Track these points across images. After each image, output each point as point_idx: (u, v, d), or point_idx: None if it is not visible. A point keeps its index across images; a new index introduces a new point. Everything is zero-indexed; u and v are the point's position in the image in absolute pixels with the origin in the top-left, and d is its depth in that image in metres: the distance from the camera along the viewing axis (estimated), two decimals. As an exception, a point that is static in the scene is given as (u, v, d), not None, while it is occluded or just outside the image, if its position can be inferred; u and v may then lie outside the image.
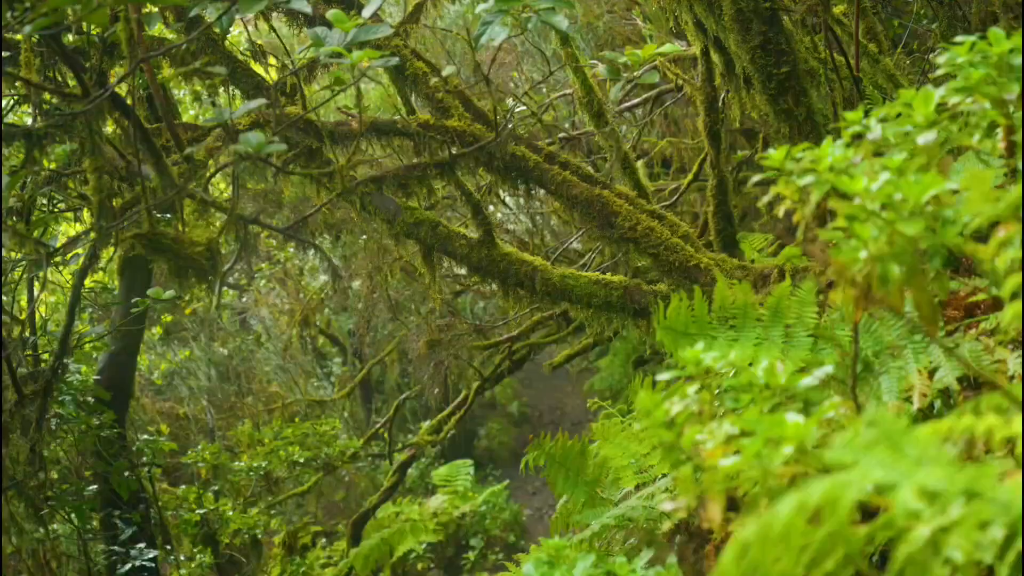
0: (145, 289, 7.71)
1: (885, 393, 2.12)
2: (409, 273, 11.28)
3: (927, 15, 6.42)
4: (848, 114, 1.84)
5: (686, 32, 5.57)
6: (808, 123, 4.41)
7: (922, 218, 1.51)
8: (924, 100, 1.74)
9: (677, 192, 8.68)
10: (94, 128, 4.22)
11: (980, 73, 1.79)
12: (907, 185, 1.53)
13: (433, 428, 10.00)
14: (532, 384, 18.15)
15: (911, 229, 1.51)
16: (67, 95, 4.15)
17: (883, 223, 1.51)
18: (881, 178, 1.56)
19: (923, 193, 1.52)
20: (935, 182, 1.52)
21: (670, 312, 2.59)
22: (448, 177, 4.90)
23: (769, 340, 2.49)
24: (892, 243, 1.52)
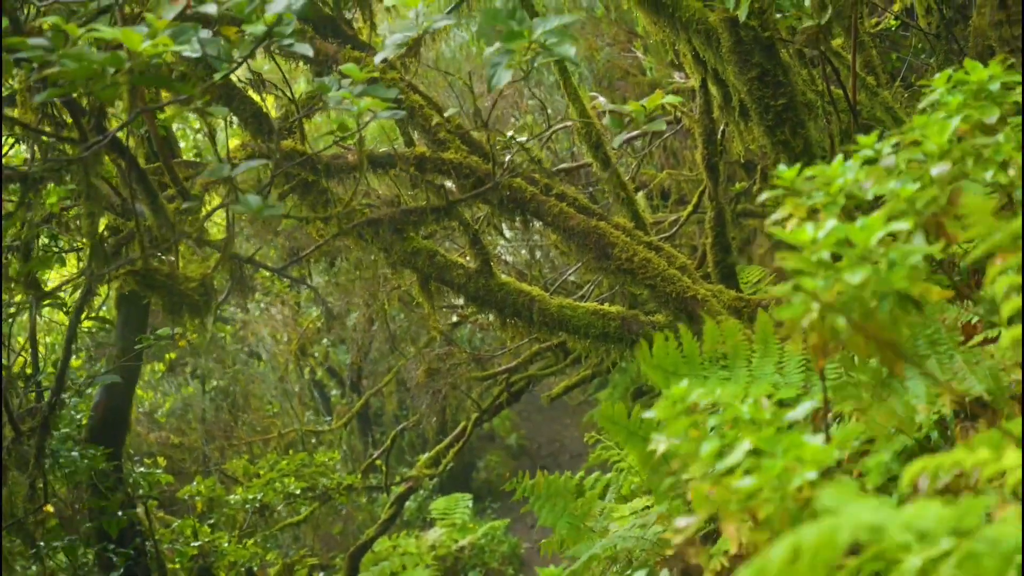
0: (142, 322, 7.71)
1: (914, 398, 2.10)
2: (407, 303, 11.27)
3: (924, 49, 6.45)
4: (862, 138, 1.84)
5: (684, 64, 5.58)
6: (805, 155, 4.41)
7: (869, 263, 1.51)
8: (939, 129, 1.74)
9: (676, 224, 8.67)
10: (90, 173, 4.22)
11: (958, 99, 1.82)
12: (854, 231, 1.53)
13: (431, 460, 9.94)
14: (531, 416, 18.09)
15: (856, 278, 1.50)
16: (64, 139, 4.14)
17: (829, 274, 1.51)
18: (827, 226, 1.55)
19: (870, 236, 1.52)
20: (879, 226, 1.52)
21: (656, 350, 2.57)
22: (446, 220, 4.90)
23: (761, 376, 2.47)
24: (839, 293, 1.52)
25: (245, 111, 4.81)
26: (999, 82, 1.91)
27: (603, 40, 10.82)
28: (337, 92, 2.66)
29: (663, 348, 2.58)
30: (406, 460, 15.18)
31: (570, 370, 10.08)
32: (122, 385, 8.02)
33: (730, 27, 4.39)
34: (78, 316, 5.08)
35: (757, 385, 2.41)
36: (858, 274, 1.50)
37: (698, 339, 2.66)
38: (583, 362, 9.17)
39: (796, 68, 4.87)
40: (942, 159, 1.72)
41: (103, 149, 3.96)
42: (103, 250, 4.33)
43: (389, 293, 10.99)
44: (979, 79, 1.88)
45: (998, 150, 1.73)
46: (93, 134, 3.78)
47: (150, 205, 3.98)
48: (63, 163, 4.15)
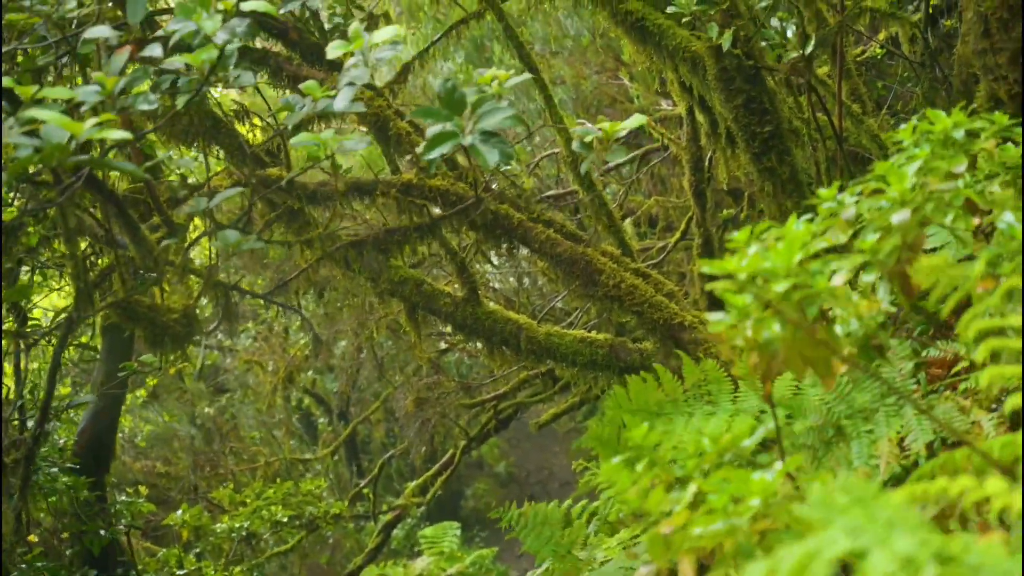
0: (127, 349, 7.66)
1: (855, 459, 2.11)
2: (395, 331, 11.23)
3: (910, 77, 6.48)
4: (822, 191, 1.86)
5: (671, 92, 5.60)
6: (792, 182, 4.42)
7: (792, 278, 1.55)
8: (899, 177, 1.75)
9: (664, 251, 8.68)
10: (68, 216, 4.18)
11: (925, 152, 1.85)
12: (776, 252, 1.58)
13: (419, 488, 9.89)
14: (519, 444, 18.04)
15: (782, 286, 1.56)
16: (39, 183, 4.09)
17: (755, 287, 1.55)
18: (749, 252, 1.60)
19: (792, 256, 1.57)
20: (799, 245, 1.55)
21: (635, 394, 2.57)
22: (430, 239, 4.89)
23: (745, 411, 2.46)
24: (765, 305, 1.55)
25: (230, 141, 4.79)
26: (963, 129, 1.94)
27: (590, 68, 10.86)
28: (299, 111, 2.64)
29: (642, 390, 2.57)
30: (394, 488, 15.10)
31: (558, 397, 10.05)
32: (106, 413, 7.97)
33: (716, 55, 4.40)
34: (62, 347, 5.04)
35: (741, 418, 2.39)
36: (783, 284, 1.56)
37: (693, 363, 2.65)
38: (571, 389, 9.15)
39: (782, 96, 4.88)
40: (904, 206, 1.73)
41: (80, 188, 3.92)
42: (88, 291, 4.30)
43: (377, 321, 10.96)
44: (943, 128, 1.91)
45: (957, 195, 1.74)
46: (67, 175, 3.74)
47: (131, 237, 3.95)
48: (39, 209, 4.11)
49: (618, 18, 4.77)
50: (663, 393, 2.56)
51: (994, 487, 1.26)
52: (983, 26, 3.49)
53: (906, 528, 1.14)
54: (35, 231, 4.68)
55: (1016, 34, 3.44)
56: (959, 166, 1.82)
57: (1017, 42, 3.43)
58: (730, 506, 1.45)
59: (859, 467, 2.07)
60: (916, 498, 1.42)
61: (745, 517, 1.43)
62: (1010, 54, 3.47)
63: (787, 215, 4.48)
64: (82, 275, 4.24)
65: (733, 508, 1.44)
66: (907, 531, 1.12)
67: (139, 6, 2.34)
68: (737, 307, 1.59)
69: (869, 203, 1.75)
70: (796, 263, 1.56)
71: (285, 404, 14.39)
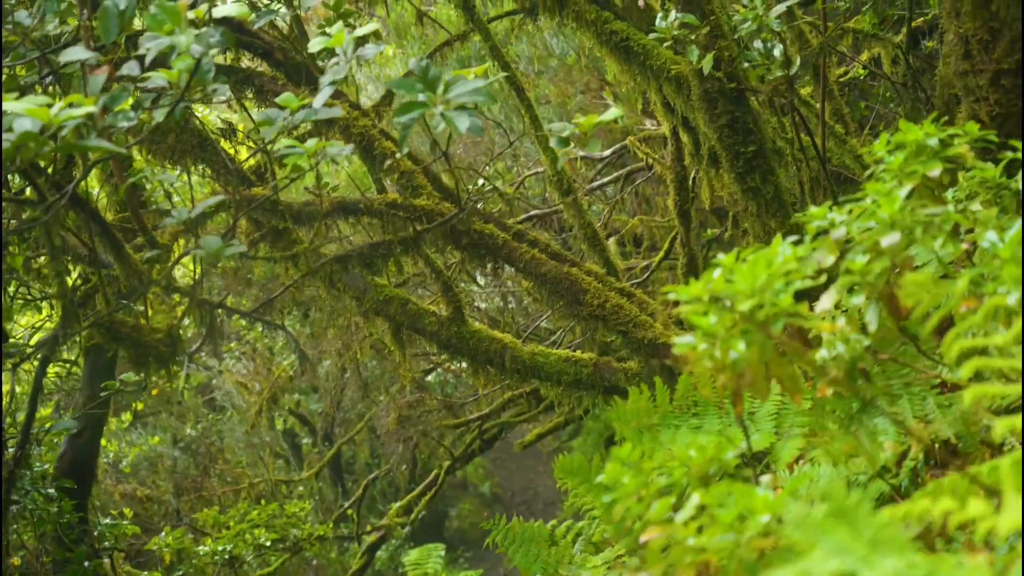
0: (110, 370, 7.62)
1: (882, 433, 2.10)
2: (379, 351, 11.21)
3: (892, 98, 6.52)
4: (813, 210, 1.86)
5: (655, 112, 5.62)
6: (776, 202, 4.43)
7: (758, 297, 1.57)
8: (889, 199, 1.76)
9: (648, 270, 8.70)
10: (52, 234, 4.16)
11: (899, 159, 1.86)
12: (740, 272, 1.60)
13: (403, 509, 9.85)
14: (504, 464, 17.99)
15: (745, 305, 1.57)
16: (23, 201, 4.07)
17: (719, 308, 1.56)
18: (713, 275, 1.63)
19: (757, 276, 1.59)
20: (763, 266, 1.56)
21: (629, 405, 2.57)
22: (414, 254, 4.89)
23: (733, 425, 2.46)
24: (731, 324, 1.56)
25: (215, 159, 4.79)
26: (936, 138, 1.96)
27: (575, 87, 10.90)
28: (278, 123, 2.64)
29: (635, 401, 2.57)
30: (377, 509, 15.03)
31: (543, 417, 10.03)
32: (88, 435, 7.91)
33: (699, 75, 4.42)
34: (43, 370, 5.01)
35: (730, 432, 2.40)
36: (747, 303, 1.57)
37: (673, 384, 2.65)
38: (556, 409, 9.14)
39: (766, 116, 4.91)
40: (893, 228, 1.74)
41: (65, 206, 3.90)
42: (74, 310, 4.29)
43: (361, 342, 10.94)
44: (916, 138, 1.94)
45: (947, 219, 1.75)
46: (52, 193, 3.72)
47: (115, 256, 3.94)
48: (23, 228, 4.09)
49: (602, 38, 4.80)
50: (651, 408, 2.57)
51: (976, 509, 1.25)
52: (964, 47, 3.51)
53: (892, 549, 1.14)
54: (19, 251, 4.66)
55: (996, 56, 3.47)
56: (934, 170, 1.84)
57: (997, 64, 3.46)
58: (737, 522, 1.44)
59: (886, 441, 2.07)
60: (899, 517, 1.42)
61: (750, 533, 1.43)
62: (990, 75, 3.49)
63: (771, 235, 4.50)
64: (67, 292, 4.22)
65: (739, 524, 1.44)
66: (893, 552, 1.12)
67: (112, 25, 2.33)
68: (703, 328, 1.59)
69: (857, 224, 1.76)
70: (762, 282, 1.57)
71: (270, 425, 14.33)
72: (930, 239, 1.75)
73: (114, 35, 2.33)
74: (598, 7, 4.90)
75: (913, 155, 1.91)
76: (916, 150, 1.92)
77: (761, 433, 2.45)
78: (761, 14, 3.99)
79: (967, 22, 3.49)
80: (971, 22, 3.48)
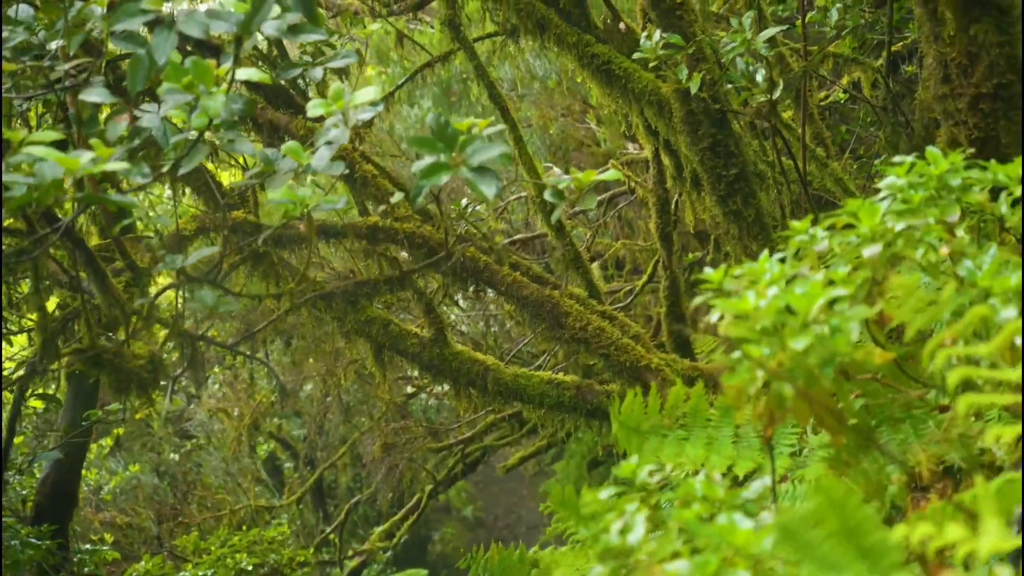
0: (92, 396, 7.56)
1: (889, 464, 2.08)
2: (362, 376, 11.17)
3: (872, 121, 6.56)
4: (795, 224, 1.85)
5: (637, 135, 5.64)
6: (757, 224, 4.44)
7: (812, 331, 1.51)
8: (870, 213, 1.75)
9: (631, 293, 8.70)
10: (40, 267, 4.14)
11: (921, 196, 1.83)
12: (795, 298, 1.53)
13: (385, 533, 9.80)
14: (487, 488, 17.93)
15: (800, 344, 1.50)
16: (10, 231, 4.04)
17: (774, 340, 1.51)
18: (769, 294, 1.55)
19: (811, 304, 1.53)
20: (820, 292, 1.52)
21: (625, 408, 2.56)
22: (400, 291, 4.89)
23: (719, 440, 2.46)
24: (784, 361, 1.51)
25: (198, 182, 4.77)
26: (959, 177, 1.92)
27: (557, 111, 10.93)
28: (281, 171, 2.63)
29: (631, 403, 2.56)
30: (359, 534, 14.94)
31: (525, 440, 10.01)
32: (70, 462, 7.84)
33: (682, 99, 4.44)
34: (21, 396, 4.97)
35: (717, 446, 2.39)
36: (802, 340, 1.50)
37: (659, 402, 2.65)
38: (539, 432, 9.12)
39: (747, 139, 4.93)
40: (875, 240, 1.73)
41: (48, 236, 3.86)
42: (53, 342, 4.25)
43: (344, 367, 10.90)
44: (941, 171, 1.89)
45: (929, 231, 1.75)
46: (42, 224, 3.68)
47: (99, 287, 3.91)
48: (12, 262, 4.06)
49: (584, 61, 4.81)
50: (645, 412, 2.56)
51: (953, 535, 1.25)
52: (943, 72, 3.54)
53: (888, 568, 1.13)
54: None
55: (975, 80, 3.49)
56: (953, 215, 1.81)
57: (976, 88, 3.49)
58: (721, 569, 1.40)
59: (893, 472, 2.05)
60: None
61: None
62: (969, 99, 3.52)
63: (753, 258, 4.51)
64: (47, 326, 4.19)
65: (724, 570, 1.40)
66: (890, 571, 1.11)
67: (140, 76, 2.30)
68: (752, 357, 1.52)
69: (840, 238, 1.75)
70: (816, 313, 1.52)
71: (251, 451, 14.24)
72: (911, 249, 1.74)
73: (142, 86, 2.31)
74: (579, 30, 4.92)
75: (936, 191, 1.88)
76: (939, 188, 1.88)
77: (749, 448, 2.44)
78: (749, 38, 4.01)
79: (946, 46, 3.51)
80: (950, 46, 3.50)
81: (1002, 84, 3.44)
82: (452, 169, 2.32)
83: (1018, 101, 3.46)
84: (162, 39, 2.17)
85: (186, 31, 2.16)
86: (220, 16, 2.21)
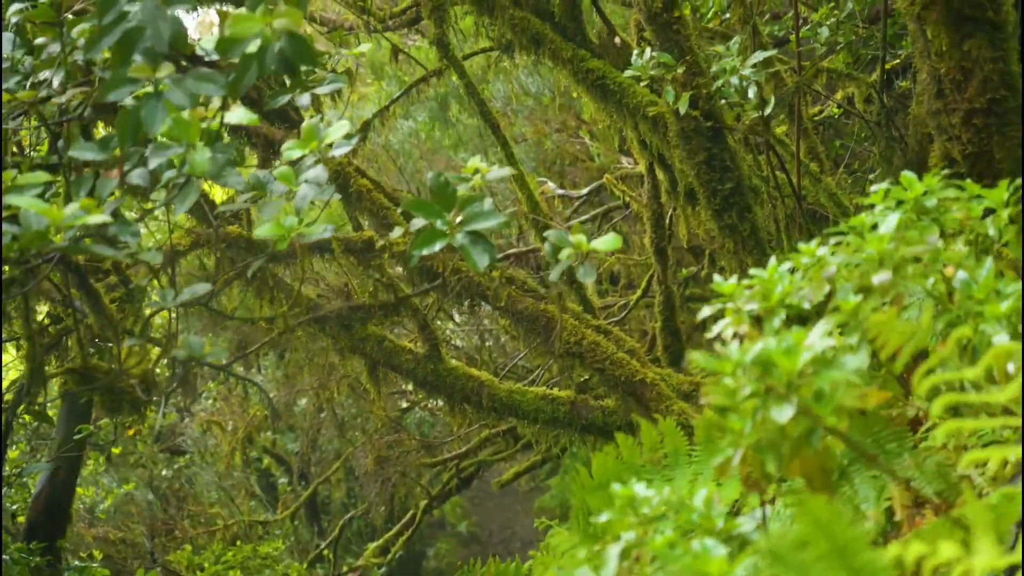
0: (86, 412, 7.53)
1: (863, 502, 2.06)
2: (355, 390, 11.14)
3: (866, 136, 6.57)
4: (803, 247, 1.82)
5: (632, 150, 5.64)
6: (752, 238, 4.44)
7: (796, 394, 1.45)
8: (877, 241, 1.73)
9: (625, 308, 8.70)
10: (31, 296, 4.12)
11: (900, 220, 1.82)
12: (779, 356, 1.46)
13: (380, 549, 9.76)
14: (482, 503, 17.88)
15: (782, 416, 1.44)
16: None
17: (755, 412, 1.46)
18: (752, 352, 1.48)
19: (795, 363, 1.46)
20: (802, 348, 1.47)
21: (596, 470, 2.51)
22: (395, 316, 4.89)
23: (704, 475, 2.44)
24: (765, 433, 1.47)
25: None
26: (935, 198, 1.90)
27: (551, 126, 10.94)
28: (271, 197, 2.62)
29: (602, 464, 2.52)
30: (354, 550, 14.88)
31: (520, 456, 9.98)
32: (64, 478, 7.80)
33: (677, 113, 4.44)
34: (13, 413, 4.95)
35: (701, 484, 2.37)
36: (784, 411, 1.44)
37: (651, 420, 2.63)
38: (533, 447, 9.10)
39: (742, 154, 4.93)
40: (883, 265, 1.71)
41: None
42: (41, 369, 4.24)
43: (338, 381, 10.88)
44: (916, 195, 1.88)
45: (936, 256, 1.74)
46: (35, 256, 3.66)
47: (92, 306, 3.90)
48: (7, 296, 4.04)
49: (579, 76, 4.82)
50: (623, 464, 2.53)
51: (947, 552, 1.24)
52: (937, 87, 3.55)
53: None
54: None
55: (968, 95, 3.50)
56: (932, 235, 1.80)
57: (970, 103, 3.49)
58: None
59: (868, 510, 2.03)
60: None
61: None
62: (963, 114, 3.52)
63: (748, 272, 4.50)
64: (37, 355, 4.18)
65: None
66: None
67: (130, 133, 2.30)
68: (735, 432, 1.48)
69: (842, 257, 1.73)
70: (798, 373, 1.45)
71: (244, 465, 14.19)
72: (921, 278, 1.72)
73: (132, 142, 2.30)
74: (574, 45, 4.92)
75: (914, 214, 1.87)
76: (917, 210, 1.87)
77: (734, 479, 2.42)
78: (737, 65, 4.02)
79: (940, 62, 3.52)
80: (944, 62, 3.51)
81: (995, 99, 3.45)
82: (448, 237, 2.30)
83: (1011, 116, 3.47)
84: (151, 110, 2.17)
85: (174, 101, 2.16)
86: (208, 79, 2.20)
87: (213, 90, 2.20)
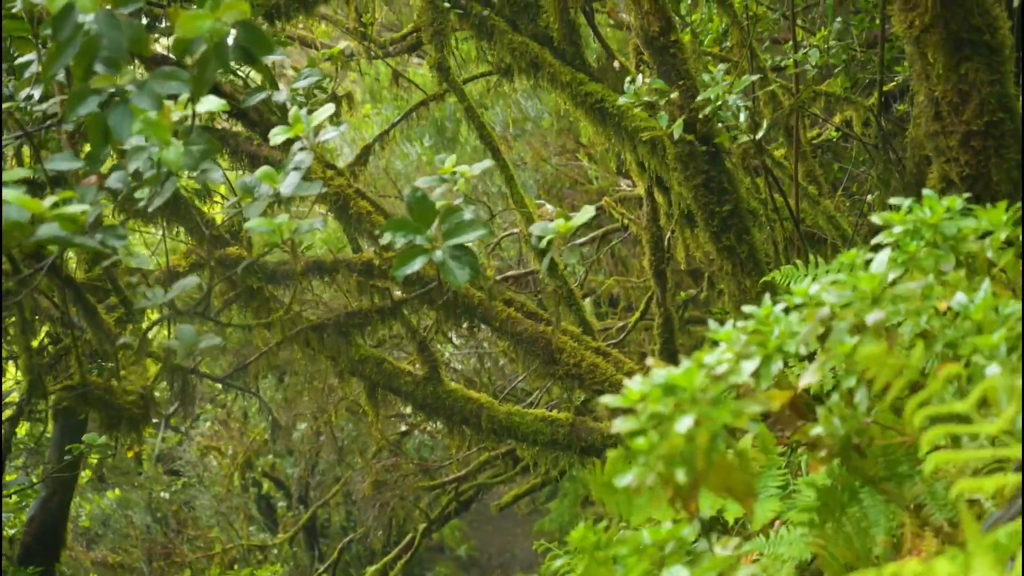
0: (80, 432, 7.50)
1: (874, 526, 2.05)
2: (354, 414, 11.13)
3: (864, 159, 6.59)
4: (797, 289, 1.82)
5: (630, 172, 5.65)
6: (751, 261, 4.45)
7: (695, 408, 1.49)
8: (870, 279, 1.73)
9: (624, 330, 8.70)
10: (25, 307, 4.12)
11: (916, 246, 1.82)
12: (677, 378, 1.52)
13: (378, 573, 9.72)
14: (480, 526, 17.80)
15: (683, 426, 1.47)
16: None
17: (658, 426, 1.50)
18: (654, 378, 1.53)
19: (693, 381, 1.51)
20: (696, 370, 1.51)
21: (607, 470, 2.54)
22: (392, 321, 4.88)
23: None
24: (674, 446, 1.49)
25: (191, 222, 4.77)
26: (956, 226, 1.88)
27: (550, 150, 10.97)
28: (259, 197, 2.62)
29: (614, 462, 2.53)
30: (352, 574, 14.81)
31: (520, 478, 9.96)
32: (57, 501, 7.76)
33: (671, 137, 4.45)
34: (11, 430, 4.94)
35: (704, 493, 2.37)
36: (684, 421, 1.47)
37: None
38: (532, 470, 9.08)
39: (740, 176, 4.95)
40: (876, 304, 1.71)
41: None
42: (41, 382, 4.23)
43: (337, 404, 10.86)
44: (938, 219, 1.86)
45: (930, 291, 1.73)
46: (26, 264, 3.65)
47: (89, 322, 3.89)
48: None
49: (577, 100, 4.84)
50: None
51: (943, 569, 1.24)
52: (934, 110, 3.56)
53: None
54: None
55: (966, 117, 3.51)
56: (947, 264, 1.79)
57: (967, 125, 3.51)
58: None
59: (878, 535, 2.02)
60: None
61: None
62: (960, 136, 3.54)
63: (747, 294, 4.51)
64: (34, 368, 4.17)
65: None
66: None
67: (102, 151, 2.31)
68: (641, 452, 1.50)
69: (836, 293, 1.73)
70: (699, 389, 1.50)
71: (243, 489, 14.14)
72: (915, 316, 1.72)
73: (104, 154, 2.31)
74: (573, 69, 4.95)
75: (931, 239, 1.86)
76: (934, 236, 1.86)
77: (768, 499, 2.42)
78: (722, 93, 4.04)
79: (937, 84, 3.54)
80: (941, 84, 3.53)
81: (993, 122, 3.47)
82: (428, 252, 2.30)
83: (1009, 139, 3.48)
84: (119, 117, 2.18)
85: (140, 105, 2.17)
86: (172, 76, 2.21)
87: (178, 88, 2.20)
